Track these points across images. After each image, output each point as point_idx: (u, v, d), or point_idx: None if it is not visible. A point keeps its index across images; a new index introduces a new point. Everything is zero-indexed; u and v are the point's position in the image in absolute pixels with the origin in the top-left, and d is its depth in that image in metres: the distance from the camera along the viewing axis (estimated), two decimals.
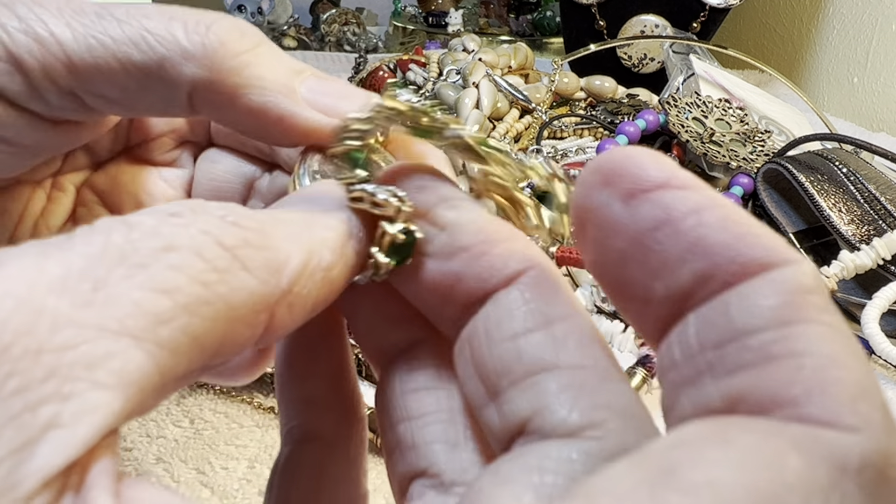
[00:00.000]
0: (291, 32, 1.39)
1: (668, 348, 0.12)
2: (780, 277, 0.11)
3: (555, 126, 0.69)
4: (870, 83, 1.07)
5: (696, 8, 0.94)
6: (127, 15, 0.19)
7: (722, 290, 0.11)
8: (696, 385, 0.11)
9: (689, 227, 0.12)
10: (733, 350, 0.11)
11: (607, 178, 0.13)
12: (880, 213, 0.54)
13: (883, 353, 0.47)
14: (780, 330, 0.11)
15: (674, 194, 0.12)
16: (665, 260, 0.12)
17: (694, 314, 0.12)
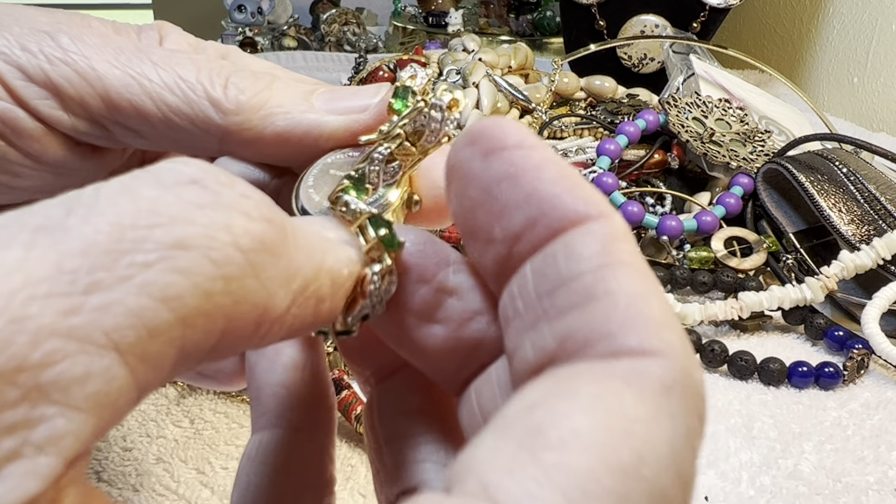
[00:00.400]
0: (291, 32, 1.39)
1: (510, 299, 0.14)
2: (597, 227, 0.13)
3: (555, 126, 0.68)
4: (870, 83, 1.07)
5: (696, 8, 0.94)
6: (161, 59, 0.20)
7: (549, 237, 0.13)
8: (535, 329, 0.13)
9: (528, 179, 0.13)
10: (562, 294, 0.13)
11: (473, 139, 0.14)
12: (880, 213, 0.54)
13: (883, 353, 0.47)
14: (597, 272, 0.12)
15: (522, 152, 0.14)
16: (504, 206, 0.14)
17: (529, 264, 0.13)
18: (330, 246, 0.15)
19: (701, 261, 0.56)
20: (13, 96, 0.19)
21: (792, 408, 0.45)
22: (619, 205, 0.57)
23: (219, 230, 0.12)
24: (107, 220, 0.11)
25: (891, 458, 0.41)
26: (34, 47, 0.19)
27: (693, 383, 0.12)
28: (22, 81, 0.19)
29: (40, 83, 0.19)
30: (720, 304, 0.51)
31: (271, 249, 0.12)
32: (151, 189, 0.11)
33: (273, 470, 0.18)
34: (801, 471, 0.40)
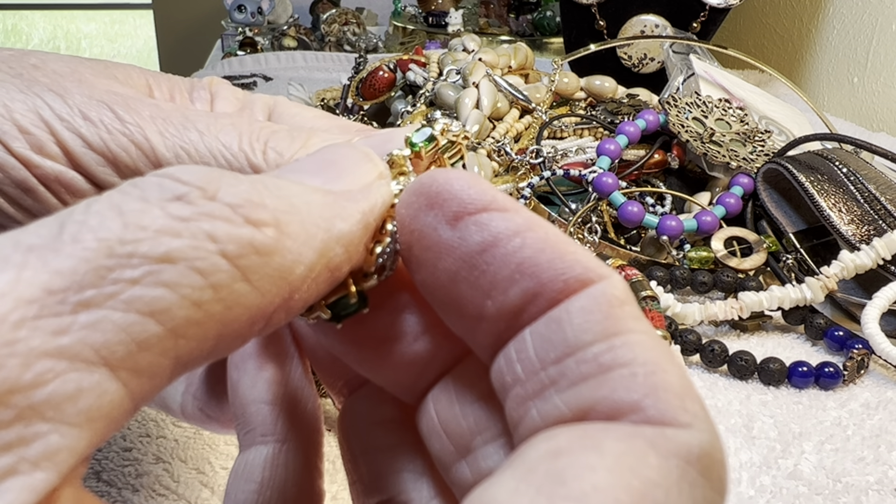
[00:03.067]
0: (291, 32, 1.39)
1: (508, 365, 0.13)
2: (599, 292, 0.13)
3: (555, 126, 0.68)
4: (870, 83, 1.07)
5: (696, 8, 0.94)
6: (206, 127, 0.21)
7: (550, 306, 0.13)
8: (542, 398, 0.13)
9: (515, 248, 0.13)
10: (572, 364, 0.12)
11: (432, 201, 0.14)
12: (880, 213, 0.54)
13: (883, 353, 0.47)
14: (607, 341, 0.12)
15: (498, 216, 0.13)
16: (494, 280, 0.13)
17: (529, 331, 0.13)
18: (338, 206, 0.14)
19: (701, 261, 0.56)
20: (73, 162, 0.20)
21: (792, 408, 0.45)
22: (619, 205, 0.57)
23: (203, 240, 0.12)
24: (95, 237, 0.11)
25: (891, 458, 0.41)
26: (94, 116, 0.20)
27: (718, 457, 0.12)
28: (82, 148, 0.20)
29: (99, 151, 0.20)
30: (720, 304, 0.51)
31: (260, 250, 0.12)
32: (137, 203, 0.12)
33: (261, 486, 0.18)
34: (801, 471, 0.40)
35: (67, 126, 0.20)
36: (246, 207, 0.12)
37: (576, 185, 0.63)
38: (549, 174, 0.61)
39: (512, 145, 0.65)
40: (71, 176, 0.21)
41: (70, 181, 0.21)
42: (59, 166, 0.20)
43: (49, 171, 0.20)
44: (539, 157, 0.62)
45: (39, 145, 0.20)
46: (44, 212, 0.21)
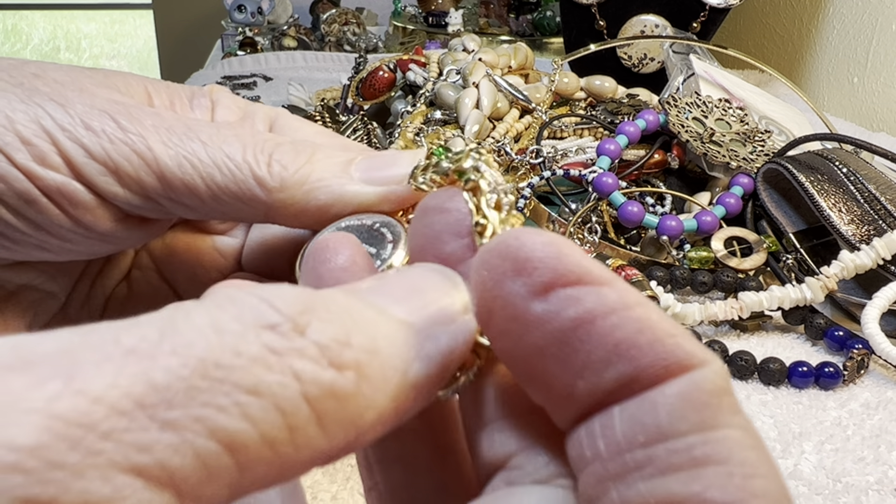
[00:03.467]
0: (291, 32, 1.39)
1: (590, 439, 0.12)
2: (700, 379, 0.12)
3: (555, 126, 0.68)
4: (870, 83, 1.07)
5: (696, 8, 0.94)
6: (210, 138, 0.21)
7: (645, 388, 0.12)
8: (625, 482, 0.12)
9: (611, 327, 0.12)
10: (662, 452, 0.12)
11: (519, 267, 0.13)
12: (880, 213, 0.54)
13: (883, 353, 0.47)
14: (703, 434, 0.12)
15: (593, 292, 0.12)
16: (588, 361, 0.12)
17: (619, 409, 0.12)
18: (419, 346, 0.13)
19: (701, 261, 0.56)
20: (74, 171, 0.20)
21: (792, 408, 0.45)
22: (619, 205, 0.57)
23: (290, 378, 0.11)
24: (193, 354, 0.11)
25: (891, 458, 0.41)
26: (97, 126, 0.20)
27: None
28: (85, 159, 0.20)
29: (101, 161, 0.20)
30: (720, 304, 0.51)
31: (338, 395, 0.12)
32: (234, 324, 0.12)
33: None
34: (801, 471, 0.40)
35: (69, 136, 0.20)
36: (332, 349, 0.12)
37: (576, 185, 0.63)
38: (549, 174, 0.61)
39: (512, 145, 0.65)
40: (73, 187, 0.20)
41: (72, 192, 0.20)
42: (61, 177, 0.20)
43: (51, 182, 0.20)
44: (539, 157, 0.62)
45: (42, 156, 0.20)
46: (46, 223, 0.21)
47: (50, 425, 0.10)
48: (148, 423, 0.10)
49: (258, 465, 0.11)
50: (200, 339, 0.11)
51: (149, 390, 0.10)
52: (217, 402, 0.11)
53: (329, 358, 0.12)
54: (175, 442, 0.10)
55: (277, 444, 0.11)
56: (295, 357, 0.12)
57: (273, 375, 0.11)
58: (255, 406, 0.11)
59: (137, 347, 0.11)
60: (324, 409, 0.12)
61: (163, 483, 0.10)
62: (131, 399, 0.10)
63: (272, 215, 0.21)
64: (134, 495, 0.10)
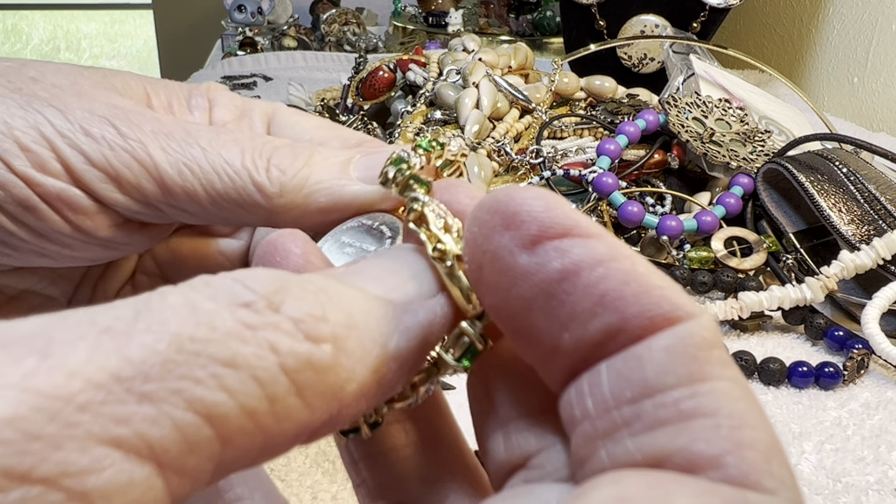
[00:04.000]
0: (291, 32, 1.39)
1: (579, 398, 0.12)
2: (687, 332, 0.12)
3: (555, 126, 0.68)
4: (870, 83, 1.07)
5: (696, 8, 0.94)
6: (209, 143, 0.21)
7: (631, 342, 0.12)
8: (613, 439, 0.12)
9: (598, 278, 0.12)
10: (649, 407, 0.11)
11: (508, 221, 0.13)
12: (880, 213, 0.54)
13: (883, 353, 0.47)
14: (690, 387, 0.11)
15: (580, 243, 0.12)
16: (573, 312, 0.12)
17: (606, 365, 0.12)
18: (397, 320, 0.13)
19: (701, 261, 0.56)
20: (74, 178, 0.20)
21: (792, 408, 0.45)
22: (619, 205, 0.57)
23: (266, 350, 0.12)
24: (168, 330, 0.11)
25: (891, 458, 0.41)
26: (96, 132, 0.20)
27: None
28: (84, 165, 0.20)
29: (101, 168, 0.20)
30: (720, 304, 0.51)
31: (316, 367, 0.12)
32: (209, 303, 0.12)
33: None
34: (801, 471, 0.40)
35: (69, 143, 0.20)
36: (307, 322, 0.12)
37: (576, 185, 0.63)
38: (549, 174, 0.61)
39: (512, 145, 0.65)
40: (73, 193, 0.20)
41: (72, 198, 0.20)
42: (60, 183, 0.20)
43: (51, 189, 0.20)
44: (539, 157, 0.62)
45: (41, 163, 0.20)
46: (46, 229, 0.21)
47: (26, 399, 0.10)
48: (125, 396, 0.10)
49: (240, 437, 0.11)
50: (175, 316, 0.11)
51: (124, 364, 0.10)
52: (193, 375, 0.11)
53: (304, 331, 0.12)
54: (153, 414, 0.10)
55: (258, 415, 0.11)
56: (270, 331, 0.12)
57: (249, 348, 0.11)
58: (232, 377, 0.11)
59: (113, 326, 0.11)
60: (303, 381, 0.12)
61: (142, 454, 0.10)
62: (107, 373, 0.10)
63: (274, 220, 0.21)
64: (113, 466, 0.10)
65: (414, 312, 0.14)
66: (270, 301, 0.12)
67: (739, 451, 0.11)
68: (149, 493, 0.11)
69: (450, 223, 0.15)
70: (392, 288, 0.14)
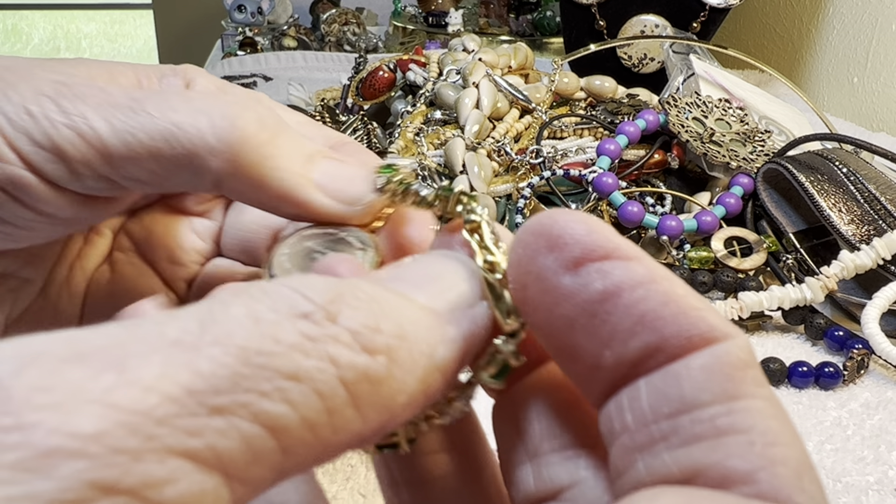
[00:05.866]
0: (291, 32, 1.39)
1: (618, 412, 0.13)
2: (723, 352, 0.12)
3: (555, 126, 0.68)
4: (870, 83, 1.07)
5: (696, 8, 0.94)
6: (158, 109, 0.19)
7: (669, 360, 0.13)
8: (651, 452, 0.12)
9: (638, 299, 0.13)
10: (686, 422, 0.12)
11: (552, 243, 0.13)
12: (880, 213, 0.54)
13: (883, 353, 0.47)
14: (726, 404, 0.12)
15: (621, 265, 0.13)
16: (614, 331, 0.13)
17: (645, 381, 0.13)
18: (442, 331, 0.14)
19: (701, 261, 0.56)
20: (24, 162, 0.20)
21: (792, 408, 0.45)
22: (619, 205, 0.57)
23: (327, 363, 0.12)
24: (235, 343, 0.11)
25: (891, 458, 0.41)
26: (38, 111, 0.19)
27: None
28: (31, 147, 0.19)
29: (48, 148, 0.20)
30: (720, 304, 0.51)
31: (372, 379, 0.12)
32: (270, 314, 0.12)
33: None
34: None
35: (14, 125, 0.19)
36: (363, 334, 0.12)
37: (576, 185, 0.63)
38: (549, 174, 0.61)
39: (512, 145, 0.65)
40: (26, 177, 0.20)
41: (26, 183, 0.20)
42: (11, 168, 0.19)
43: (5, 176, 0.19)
44: (539, 157, 0.62)
45: None
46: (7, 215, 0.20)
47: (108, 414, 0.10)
48: (197, 409, 0.11)
49: (299, 447, 0.12)
50: (240, 328, 0.12)
51: (196, 378, 0.11)
52: (260, 388, 0.11)
53: (361, 343, 0.12)
54: (223, 426, 0.11)
55: (317, 426, 0.12)
56: (330, 343, 0.12)
57: (311, 361, 0.12)
58: (296, 391, 0.11)
59: (181, 339, 0.11)
60: (359, 393, 0.12)
61: (212, 465, 0.11)
62: (180, 386, 0.11)
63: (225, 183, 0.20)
64: (186, 477, 0.11)
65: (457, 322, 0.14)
66: (328, 311, 0.12)
67: (772, 467, 0.11)
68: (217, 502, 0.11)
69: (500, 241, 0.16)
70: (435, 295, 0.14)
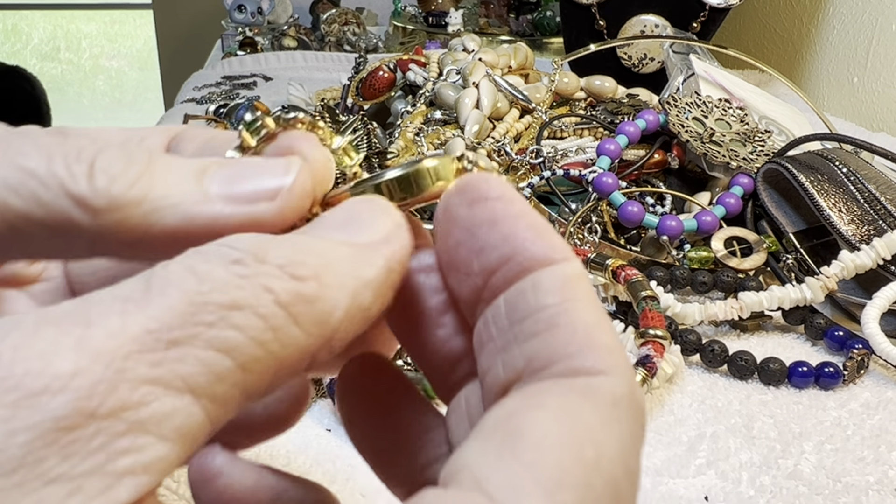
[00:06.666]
0: (291, 32, 1.39)
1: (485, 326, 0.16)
2: (561, 268, 0.16)
3: (555, 126, 0.68)
4: (870, 83, 1.07)
5: (696, 8, 0.94)
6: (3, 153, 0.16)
7: (520, 274, 0.16)
8: (506, 351, 0.16)
9: (505, 225, 0.16)
10: (530, 322, 0.15)
11: (462, 190, 0.17)
12: (880, 213, 0.54)
13: (883, 353, 0.47)
14: (560, 305, 0.15)
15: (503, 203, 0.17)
16: (483, 245, 0.16)
17: (503, 297, 0.16)
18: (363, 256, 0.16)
19: (701, 261, 0.56)
20: None
21: (792, 408, 0.45)
22: (619, 205, 0.57)
23: (261, 291, 0.14)
24: (177, 289, 0.14)
25: (891, 458, 0.41)
26: None
27: (636, 398, 0.15)
28: None
29: None
30: (720, 304, 0.51)
31: (306, 299, 0.15)
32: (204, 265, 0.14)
33: None
34: (801, 471, 0.40)
35: None
36: (291, 266, 0.15)
37: (576, 185, 0.63)
38: (549, 174, 0.61)
39: (512, 145, 0.65)
40: None
41: None
42: None
43: None
44: (539, 157, 0.62)
45: None
46: None
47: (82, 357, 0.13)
48: (155, 345, 0.13)
49: (255, 364, 0.14)
50: (180, 279, 0.14)
51: (150, 321, 0.13)
52: (206, 320, 0.13)
53: (290, 273, 0.15)
54: (180, 354, 0.13)
55: (266, 343, 0.14)
56: (262, 277, 0.14)
57: (247, 291, 0.14)
58: (238, 316, 0.14)
59: (131, 296, 0.14)
60: (297, 312, 0.14)
61: (179, 388, 0.13)
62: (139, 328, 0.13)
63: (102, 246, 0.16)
64: (157, 400, 0.13)
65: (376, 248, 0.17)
66: (256, 255, 0.15)
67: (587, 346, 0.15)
68: (190, 419, 0.13)
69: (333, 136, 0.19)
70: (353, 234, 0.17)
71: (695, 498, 0.38)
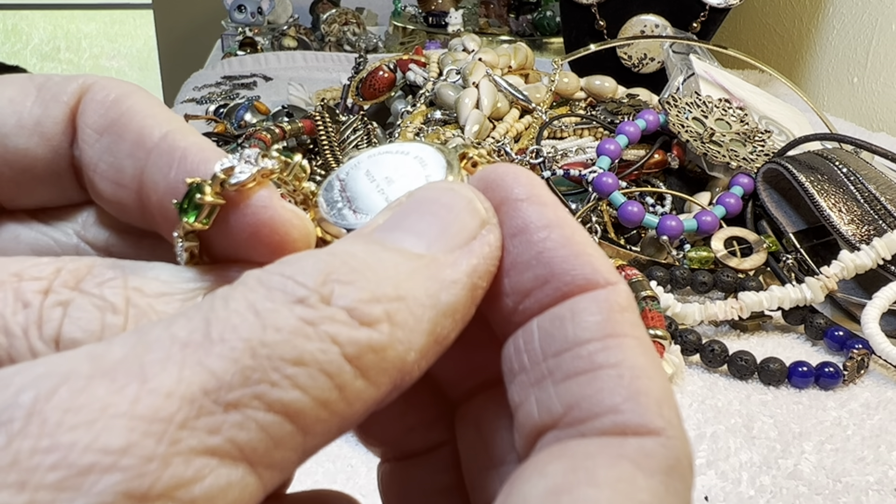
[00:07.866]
0: (291, 32, 1.39)
1: (516, 352, 0.14)
2: (603, 296, 0.14)
3: (555, 126, 0.68)
4: (870, 83, 1.07)
5: (696, 8, 0.94)
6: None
7: (557, 299, 0.14)
8: (540, 387, 0.14)
9: (539, 238, 0.14)
10: (568, 358, 0.13)
11: (486, 186, 0.15)
12: (880, 213, 0.54)
13: (883, 353, 0.47)
14: (602, 342, 0.13)
15: (533, 208, 0.14)
16: (515, 262, 0.14)
17: (537, 322, 0.14)
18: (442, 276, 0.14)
19: (701, 261, 0.56)
20: None
21: (792, 408, 0.45)
22: (619, 205, 0.57)
23: (328, 344, 0.12)
24: (240, 337, 0.12)
25: (891, 458, 0.41)
26: None
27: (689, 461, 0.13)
28: None
29: None
30: (720, 304, 0.51)
31: (375, 349, 0.13)
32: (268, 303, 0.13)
33: None
34: (801, 471, 0.40)
35: None
36: (359, 309, 0.13)
37: (576, 185, 0.63)
38: (549, 174, 0.61)
39: (512, 145, 0.65)
40: None
41: None
42: None
43: None
44: (539, 157, 0.62)
45: None
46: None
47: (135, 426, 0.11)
48: (213, 408, 0.12)
49: (317, 426, 0.12)
50: (242, 322, 0.12)
51: (209, 378, 0.12)
52: (269, 378, 0.12)
53: (358, 318, 0.13)
54: (239, 420, 0.12)
55: (330, 403, 0.12)
56: (328, 324, 0.12)
57: (312, 344, 0.12)
58: (303, 375, 0.12)
59: (190, 340, 0.12)
60: (365, 364, 0.13)
61: (234, 458, 0.12)
62: (196, 388, 0.12)
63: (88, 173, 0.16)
64: (212, 473, 0.11)
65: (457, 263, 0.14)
66: (321, 294, 0.13)
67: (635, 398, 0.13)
68: (245, 490, 0.12)
69: None
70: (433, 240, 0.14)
71: (695, 498, 0.38)
